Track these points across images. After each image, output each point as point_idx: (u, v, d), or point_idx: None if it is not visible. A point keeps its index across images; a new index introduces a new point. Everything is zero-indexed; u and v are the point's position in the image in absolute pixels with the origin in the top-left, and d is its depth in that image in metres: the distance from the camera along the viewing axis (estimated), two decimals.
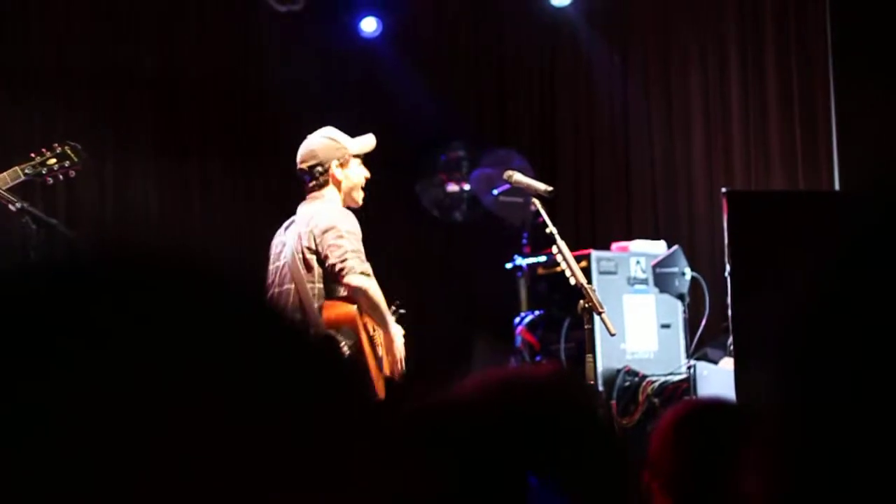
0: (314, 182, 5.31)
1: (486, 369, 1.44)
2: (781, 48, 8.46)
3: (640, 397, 7.04)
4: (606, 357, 7.30)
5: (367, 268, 5.11)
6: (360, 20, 9.24)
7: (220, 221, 8.62)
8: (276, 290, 5.21)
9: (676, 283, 7.72)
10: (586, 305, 5.02)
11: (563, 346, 7.62)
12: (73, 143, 5.18)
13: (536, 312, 7.98)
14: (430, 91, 9.11)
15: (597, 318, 4.99)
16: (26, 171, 5.01)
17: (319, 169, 5.29)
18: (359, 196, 5.34)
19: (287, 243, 5.27)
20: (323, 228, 5.15)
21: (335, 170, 5.29)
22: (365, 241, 5.13)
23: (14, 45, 8.01)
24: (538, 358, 7.70)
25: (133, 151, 8.29)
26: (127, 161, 8.25)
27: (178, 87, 8.60)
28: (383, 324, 5.19)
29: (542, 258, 7.96)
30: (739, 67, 8.69)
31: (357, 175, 5.33)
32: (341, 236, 5.11)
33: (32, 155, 5.06)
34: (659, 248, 8.05)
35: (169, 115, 8.54)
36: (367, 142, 5.39)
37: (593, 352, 5.22)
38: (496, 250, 8.63)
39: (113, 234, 0.79)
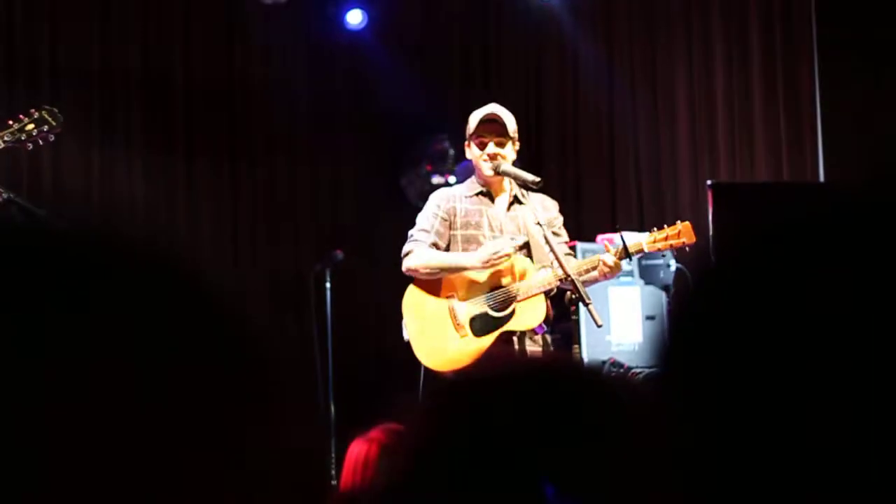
0: None
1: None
2: (766, 37, 8.48)
3: None
4: (592, 348, 7.32)
5: (411, 246, 5.32)
6: (346, 13, 9.22)
7: (205, 214, 8.60)
8: None
9: (661, 274, 7.73)
10: (573, 297, 5.03)
11: (549, 336, 7.62)
12: (50, 108, 5.15)
13: None
14: (415, 83, 9.10)
15: (582, 309, 5.00)
16: (5, 138, 4.98)
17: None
18: (484, 168, 5.41)
19: None
20: None
21: (466, 149, 5.51)
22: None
23: (1, 39, 7.98)
24: None
25: (119, 146, 8.27)
26: (113, 155, 8.23)
27: (163, 81, 8.56)
28: (456, 270, 5.31)
29: None
30: (724, 58, 8.70)
31: (474, 153, 5.44)
32: (416, 224, 5.43)
33: (10, 122, 5.02)
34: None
35: (155, 110, 8.50)
36: (474, 120, 5.49)
37: (579, 343, 5.24)
38: None
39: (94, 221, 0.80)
